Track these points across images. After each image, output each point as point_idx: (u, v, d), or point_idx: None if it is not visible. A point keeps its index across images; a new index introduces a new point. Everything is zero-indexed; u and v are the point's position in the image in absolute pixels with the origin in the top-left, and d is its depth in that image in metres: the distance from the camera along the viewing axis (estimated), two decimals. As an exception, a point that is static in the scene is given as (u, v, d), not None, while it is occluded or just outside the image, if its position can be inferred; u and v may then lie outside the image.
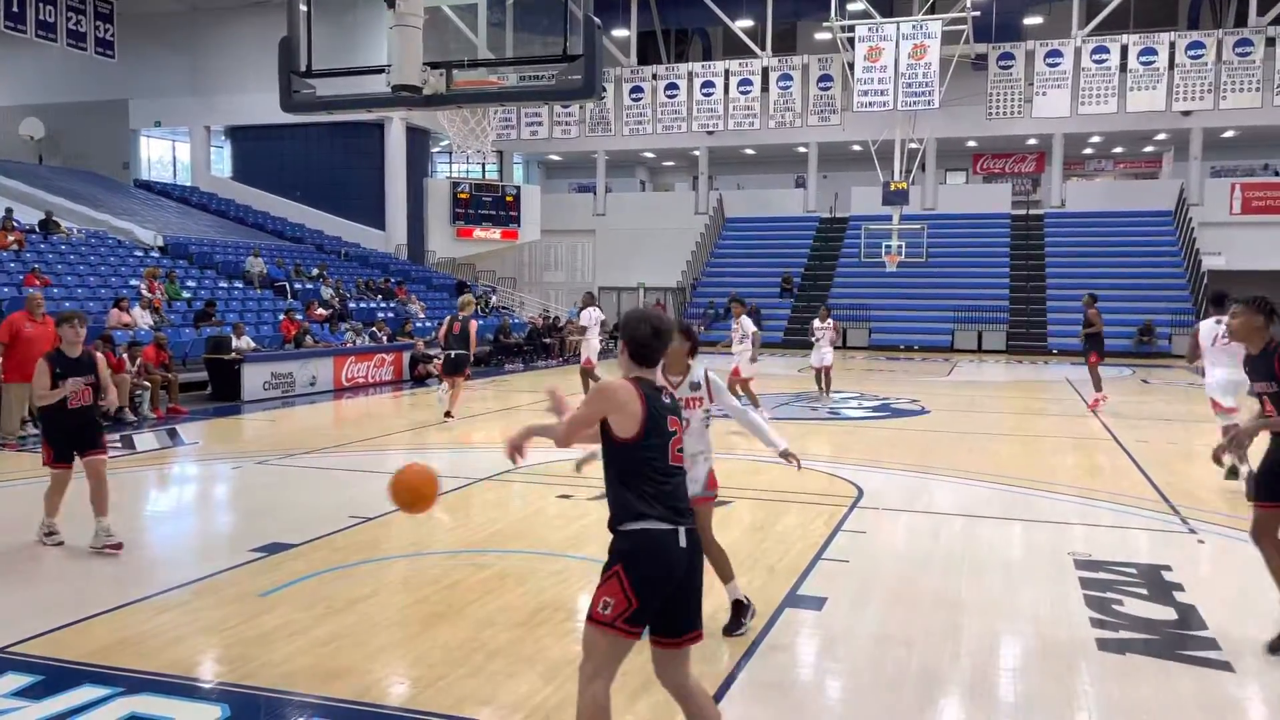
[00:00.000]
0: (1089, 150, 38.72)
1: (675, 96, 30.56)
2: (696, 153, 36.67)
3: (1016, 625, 5.33)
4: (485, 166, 39.62)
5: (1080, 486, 9.13)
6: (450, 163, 41.25)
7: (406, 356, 19.36)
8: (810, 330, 16.12)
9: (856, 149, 33.44)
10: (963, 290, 31.07)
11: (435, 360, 19.47)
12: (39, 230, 20.09)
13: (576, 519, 7.62)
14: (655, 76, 30.78)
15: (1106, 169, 40.99)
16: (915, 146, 30.10)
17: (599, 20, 6.25)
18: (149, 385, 13.42)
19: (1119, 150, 39.25)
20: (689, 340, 4.93)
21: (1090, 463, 10.48)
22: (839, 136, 32.07)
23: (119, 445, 11.10)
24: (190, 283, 20.21)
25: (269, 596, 5.64)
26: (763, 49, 29.86)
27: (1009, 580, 6.15)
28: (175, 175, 35.53)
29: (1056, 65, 27.50)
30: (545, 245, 37.14)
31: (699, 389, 4.98)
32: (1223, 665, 4.75)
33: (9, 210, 19.52)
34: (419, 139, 32.91)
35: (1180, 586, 5.94)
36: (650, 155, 41.71)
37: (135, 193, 30.29)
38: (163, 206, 28.95)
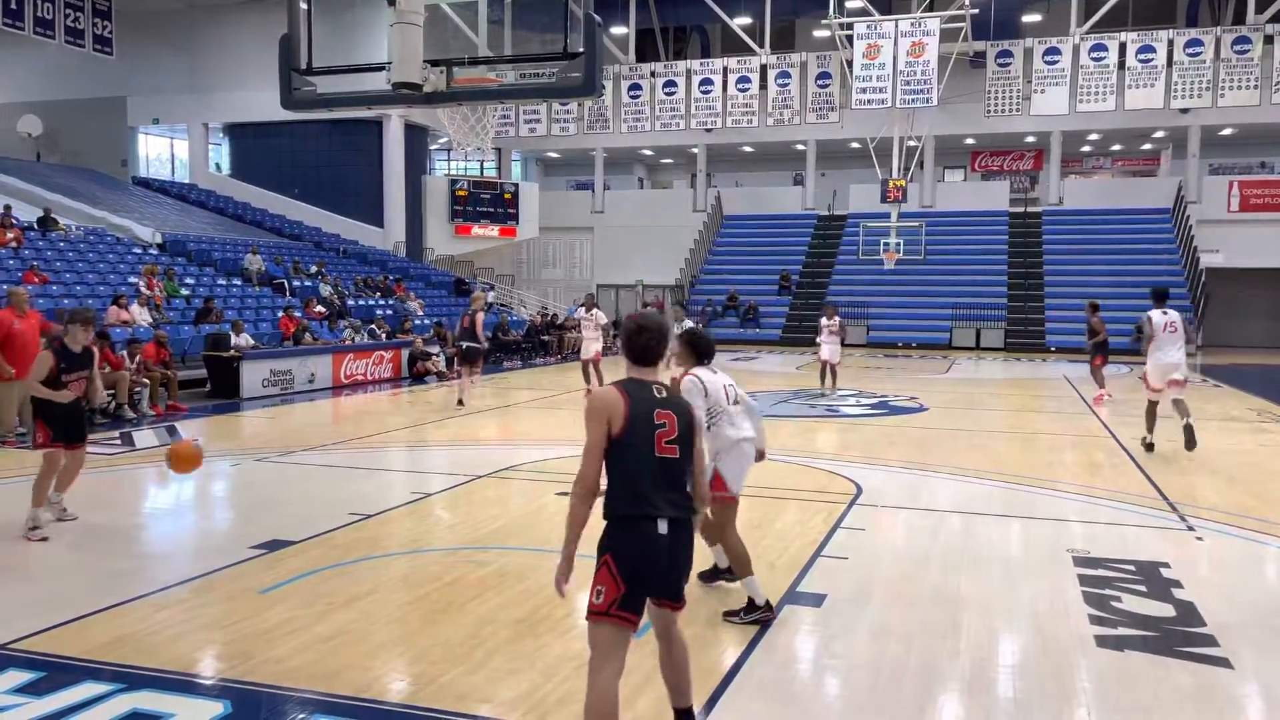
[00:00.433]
0: (1087, 148, 38.73)
1: (674, 94, 30.57)
2: (695, 150, 36.65)
3: (1015, 622, 5.34)
4: (483, 164, 39.61)
5: (1079, 484, 9.15)
6: (448, 160, 41.23)
7: (405, 354, 19.36)
8: (818, 328, 17.05)
9: (855, 146, 33.43)
10: (961, 288, 31.09)
11: (433, 358, 19.61)
12: (37, 227, 20.07)
13: (576, 516, 7.62)
14: (654, 74, 30.79)
15: (1105, 166, 41.01)
16: (914, 144, 30.12)
17: (599, 18, 6.26)
18: (148, 382, 13.42)
19: (1117, 148, 39.28)
20: (688, 344, 5.29)
21: (1089, 460, 10.49)
22: (837, 134, 32.08)
23: (118, 442, 11.11)
24: (189, 280, 20.20)
25: (269, 593, 5.65)
26: (761, 46, 29.86)
27: (1008, 577, 6.17)
28: (173, 172, 35.49)
29: (1055, 63, 27.52)
30: (543, 243, 37.14)
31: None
32: (1221, 662, 4.77)
33: (7, 207, 19.50)
34: (417, 136, 32.89)
35: (1179, 583, 5.96)
36: (648, 153, 41.69)
37: (133, 190, 30.26)
38: (161, 204, 28.92)
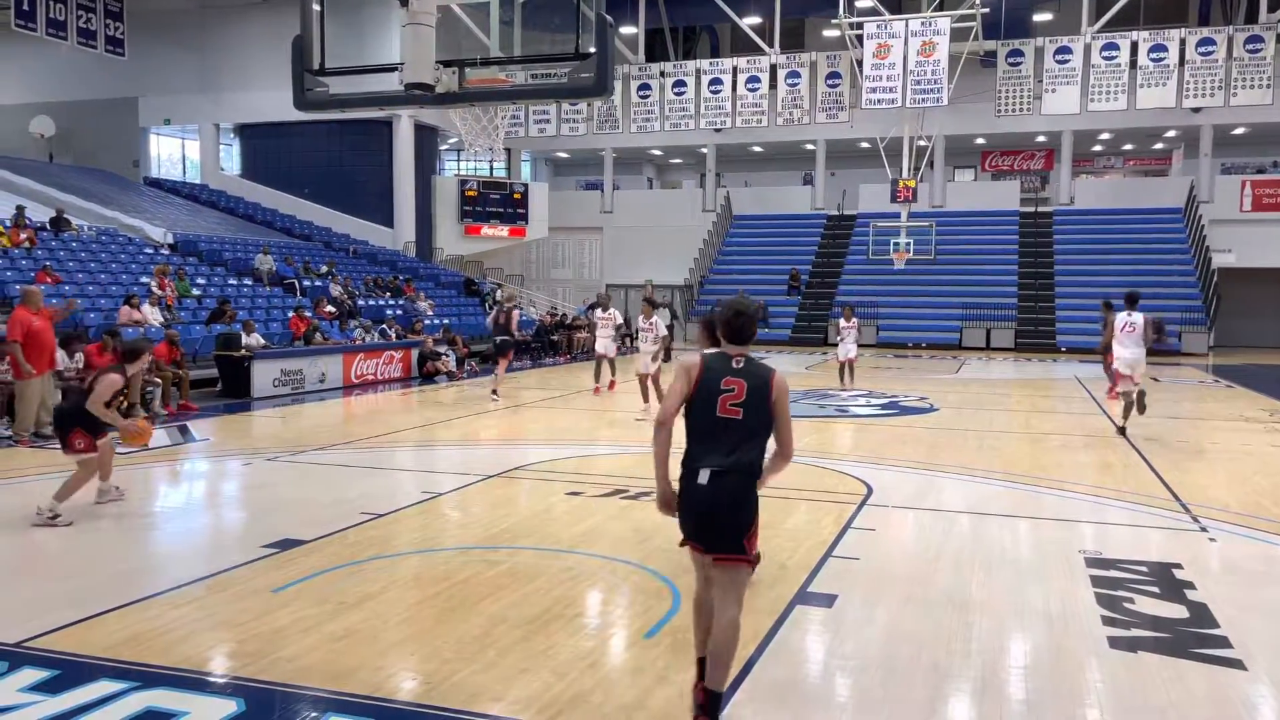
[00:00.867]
0: (1098, 147, 38.59)
1: (683, 94, 30.53)
2: (704, 150, 36.64)
3: (1027, 623, 5.33)
4: (493, 164, 39.67)
5: (1090, 484, 9.12)
6: (458, 160, 41.31)
7: (415, 354, 19.40)
8: (836, 329, 17.98)
9: (865, 146, 33.39)
10: (971, 288, 31.02)
11: (442, 358, 19.64)
12: (50, 228, 20.18)
13: (586, 516, 7.64)
14: (663, 74, 30.75)
15: (1116, 166, 40.85)
16: (924, 144, 30.05)
17: (610, 18, 6.26)
18: (159, 382, 13.48)
19: (1129, 147, 39.13)
20: (704, 328, 5.57)
21: (1100, 460, 10.46)
22: (847, 134, 32.03)
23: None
24: (200, 280, 20.29)
25: (282, 592, 5.67)
26: (771, 46, 29.79)
27: (1020, 578, 6.15)
28: (185, 173, 35.64)
29: (1066, 62, 27.39)
30: (553, 242, 37.18)
31: None
32: (1235, 663, 4.75)
33: (21, 208, 19.61)
34: (427, 136, 32.96)
35: (1191, 584, 5.93)
36: (658, 153, 41.70)
37: (145, 190, 30.40)
38: (172, 204, 29.06)
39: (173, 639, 4.92)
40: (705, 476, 3.87)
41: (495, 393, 15.28)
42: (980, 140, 37.00)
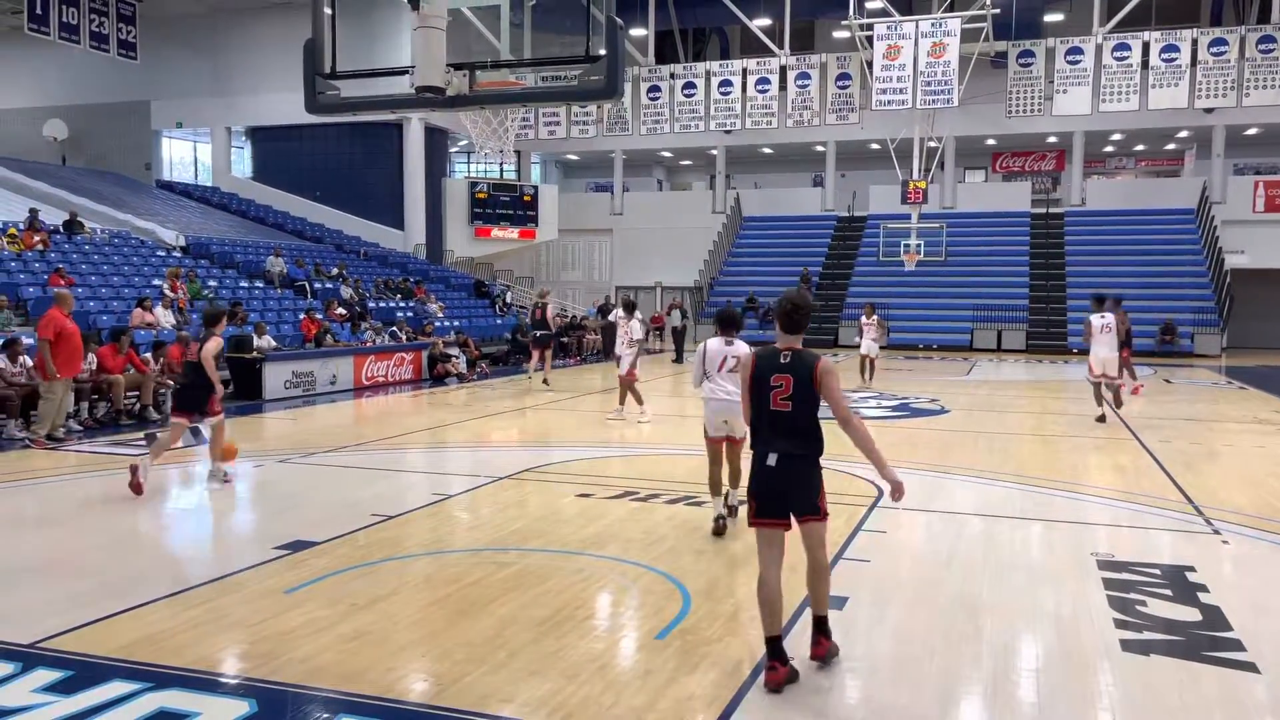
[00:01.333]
0: (1110, 148, 38.44)
1: (693, 96, 30.56)
2: (714, 152, 36.64)
3: (1038, 626, 5.31)
4: (503, 166, 39.74)
5: (1102, 487, 9.08)
6: (468, 162, 41.40)
7: (425, 356, 19.44)
8: (858, 326, 19.23)
9: (875, 147, 33.35)
10: (982, 289, 30.92)
11: (452, 360, 19.70)
12: (63, 231, 20.30)
13: (597, 518, 7.65)
14: (673, 76, 30.79)
15: (1128, 167, 40.67)
16: (934, 145, 30.00)
17: (620, 20, 6.27)
18: (172, 384, 13.52)
19: (1140, 148, 38.96)
20: (715, 317, 6.91)
21: (1112, 463, 10.41)
22: (857, 135, 32.01)
23: (143, 443, 11.21)
24: (211, 282, 20.38)
25: (293, 593, 5.69)
26: (781, 47, 29.80)
27: (1031, 580, 6.13)
28: (196, 176, 35.83)
29: (1077, 63, 27.32)
30: (563, 245, 37.23)
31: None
32: (1248, 666, 4.73)
33: (34, 211, 19.75)
34: (437, 139, 33.04)
35: (1204, 587, 5.90)
36: (668, 154, 41.71)
37: (157, 193, 30.58)
38: (184, 207, 29.21)
39: (185, 640, 4.95)
40: (774, 459, 4.47)
41: (546, 381, 17.19)
42: (991, 141, 36.90)
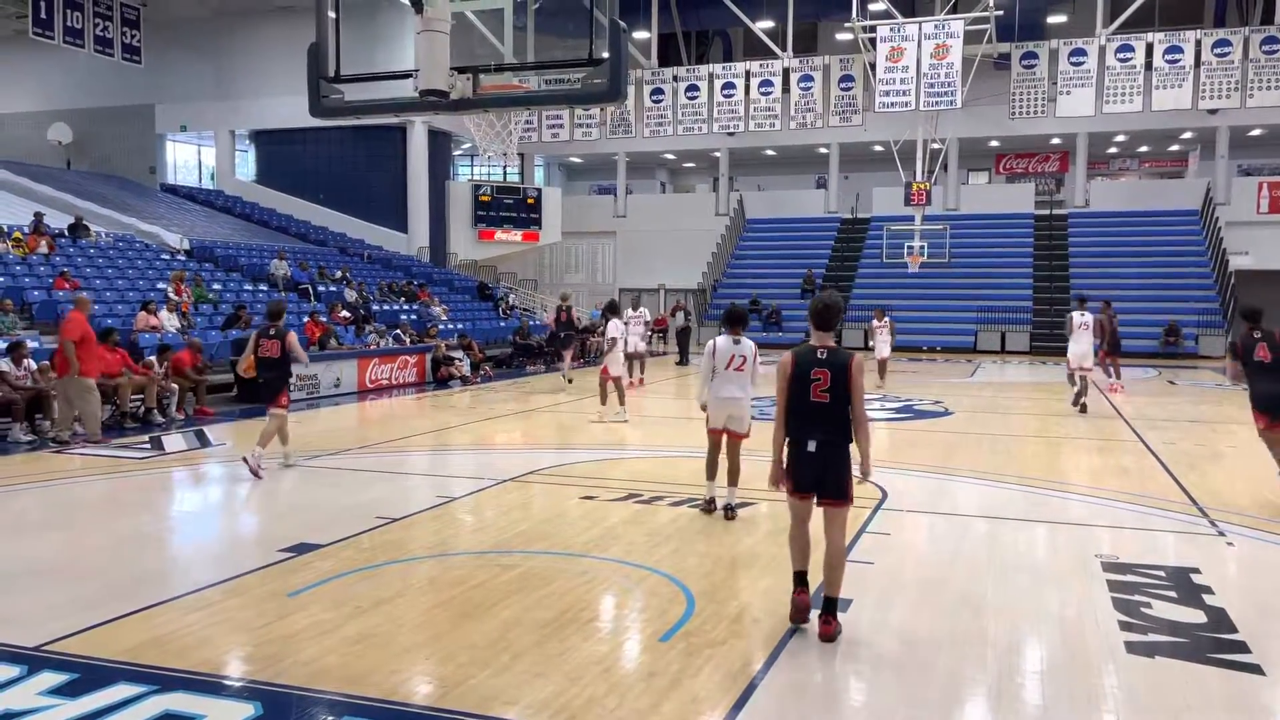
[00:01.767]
0: (1114, 149, 38.40)
1: (696, 98, 30.56)
2: (717, 154, 36.65)
3: (1043, 627, 5.31)
4: (506, 169, 39.79)
5: (1106, 488, 9.07)
6: (472, 165, 41.45)
7: (429, 359, 19.45)
8: (870, 330, 19.93)
9: (878, 149, 33.34)
10: (986, 291, 30.89)
11: (456, 363, 19.72)
12: (68, 234, 20.35)
13: (600, 520, 7.65)
14: (676, 78, 30.79)
15: (1131, 168, 40.63)
16: (937, 147, 29.97)
17: (624, 24, 6.27)
18: (176, 388, 13.56)
19: (1144, 149, 38.91)
20: (724, 315, 7.76)
21: (1116, 464, 10.40)
22: (860, 137, 32.01)
23: (148, 446, 11.24)
24: (215, 285, 20.41)
25: (298, 596, 5.70)
26: (784, 50, 29.79)
27: (1035, 582, 6.13)
28: (200, 179, 35.89)
29: (1080, 64, 27.28)
30: (566, 247, 37.26)
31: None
32: (1253, 668, 4.72)
33: (39, 214, 19.79)
34: (441, 142, 33.09)
35: (1209, 589, 5.90)
36: (671, 157, 41.73)
37: (161, 196, 30.63)
38: (188, 210, 29.26)
39: (190, 642, 4.96)
40: (813, 446, 5.06)
41: (570, 379, 18.31)
42: (994, 143, 36.88)
